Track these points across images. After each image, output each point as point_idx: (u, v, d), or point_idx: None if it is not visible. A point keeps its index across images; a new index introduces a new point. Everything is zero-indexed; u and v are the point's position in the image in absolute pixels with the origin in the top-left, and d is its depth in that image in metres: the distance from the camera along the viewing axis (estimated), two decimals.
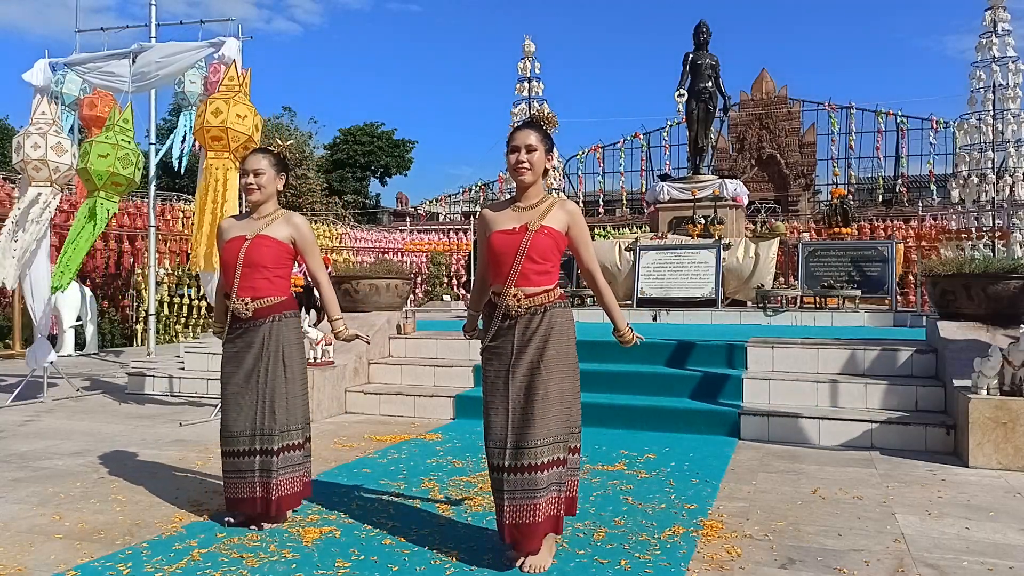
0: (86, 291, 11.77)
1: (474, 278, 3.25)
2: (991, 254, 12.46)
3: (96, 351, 11.79)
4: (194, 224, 6.35)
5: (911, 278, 14.03)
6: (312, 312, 6.94)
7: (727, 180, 13.25)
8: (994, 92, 13.89)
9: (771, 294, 9.63)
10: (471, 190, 37.30)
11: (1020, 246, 13.23)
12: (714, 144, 15.68)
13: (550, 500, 2.82)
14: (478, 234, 3.11)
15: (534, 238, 2.86)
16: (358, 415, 6.26)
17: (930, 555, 3.00)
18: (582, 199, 33.96)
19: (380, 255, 19.33)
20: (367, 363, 6.88)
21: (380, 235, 22.78)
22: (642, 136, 34.81)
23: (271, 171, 3.45)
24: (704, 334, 7.13)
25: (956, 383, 4.86)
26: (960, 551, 3.04)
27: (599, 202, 33.95)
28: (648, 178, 33.31)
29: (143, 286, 12.50)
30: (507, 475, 2.80)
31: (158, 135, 8.99)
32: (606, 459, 4.57)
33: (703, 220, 11.83)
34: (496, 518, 2.91)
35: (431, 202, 38.55)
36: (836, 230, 12.54)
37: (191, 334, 13.23)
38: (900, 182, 30.60)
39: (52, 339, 8.59)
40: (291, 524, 3.37)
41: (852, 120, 31.61)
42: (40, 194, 6.72)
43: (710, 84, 13.68)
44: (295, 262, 3.55)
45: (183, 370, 7.56)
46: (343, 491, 3.92)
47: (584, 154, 35.33)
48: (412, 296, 9.94)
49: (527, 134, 2.93)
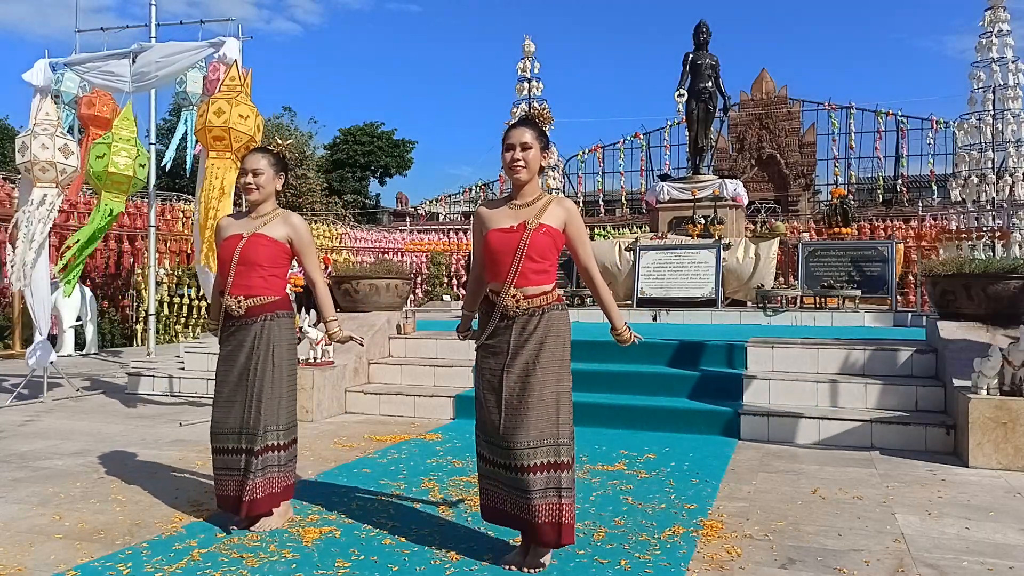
0: (86, 291, 11.77)
1: (469, 278, 3.23)
2: (991, 254, 12.46)
3: (96, 351, 11.79)
4: (196, 223, 6.36)
5: (911, 278, 14.02)
6: (312, 312, 6.93)
7: (727, 180, 13.25)
8: (994, 92, 13.88)
9: (771, 294, 9.63)
10: (471, 190, 37.30)
11: (1020, 246, 13.22)
12: (714, 144, 15.68)
13: (548, 505, 2.75)
14: (474, 232, 3.09)
15: (533, 236, 2.83)
16: (358, 415, 6.26)
17: (930, 555, 3.00)
18: (582, 199, 33.94)
19: (380, 255, 19.32)
20: (367, 363, 6.88)
21: (380, 235, 22.78)
22: (642, 136, 34.80)
23: (270, 171, 3.44)
24: (704, 334, 7.13)
25: (956, 383, 4.86)
26: (960, 551, 3.04)
27: (599, 202, 33.95)
28: (648, 178, 33.29)
29: (143, 286, 12.49)
30: (503, 472, 2.81)
31: (158, 135, 8.99)
32: (606, 459, 4.57)
33: (703, 220, 11.83)
34: (486, 505, 2.93)
35: (431, 202, 38.54)
36: (836, 230, 12.52)
37: (191, 334, 13.23)
38: (900, 182, 30.61)
39: (52, 339, 8.59)
40: (291, 524, 3.37)
41: (852, 120, 31.61)
42: (46, 195, 6.74)
43: (710, 84, 13.68)
44: (294, 262, 3.55)
45: (183, 370, 7.56)
46: (343, 491, 3.92)
47: (584, 154, 35.32)
48: (412, 296, 9.94)
49: (522, 132, 2.91)
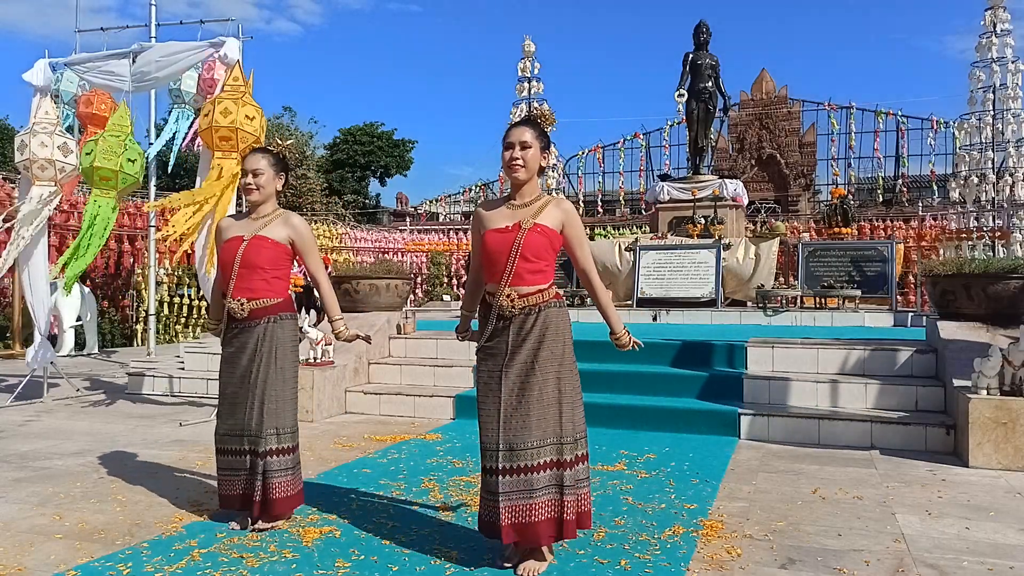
0: (86, 291, 11.77)
1: (468, 278, 3.22)
2: (991, 254, 12.46)
3: (96, 351, 11.79)
4: (185, 206, 6.16)
5: (911, 278, 14.03)
6: (312, 312, 6.93)
7: (727, 180, 13.24)
8: (994, 92, 13.89)
9: (771, 294, 9.63)
10: (471, 190, 37.30)
11: (1020, 246, 13.23)
12: (714, 144, 15.68)
13: (549, 502, 2.76)
14: (472, 233, 3.08)
15: (527, 236, 2.82)
16: (358, 415, 6.26)
17: (930, 555, 3.00)
18: (582, 199, 33.94)
19: (380, 255, 19.32)
20: (367, 363, 6.88)
21: (380, 235, 22.78)
22: (642, 136, 34.80)
23: (270, 171, 3.43)
24: (704, 334, 7.13)
25: (956, 383, 4.86)
26: (960, 551, 3.04)
27: (599, 202, 33.95)
28: (648, 178, 33.29)
29: (143, 286, 12.50)
30: (502, 477, 2.76)
31: (158, 135, 8.98)
32: (606, 459, 4.57)
33: (703, 220, 11.83)
34: (484, 519, 2.84)
35: (431, 202, 38.54)
36: (836, 230, 12.52)
37: (191, 334, 13.23)
38: (900, 182, 30.61)
39: (52, 339, 8.59)
40: (291, 524, 3.37)
41: (852, 120, 31.61)
42: (44, 193, 6.74)
43: (710, 84, 13.67)
44: (294, 262, 3.55)
45: (183, 370, 7.56)
46: (343, 491, 3.92)
47: (584, 154, 35.31)
48: (412, 296, 9.94)
49: (522, 131, 2.89)
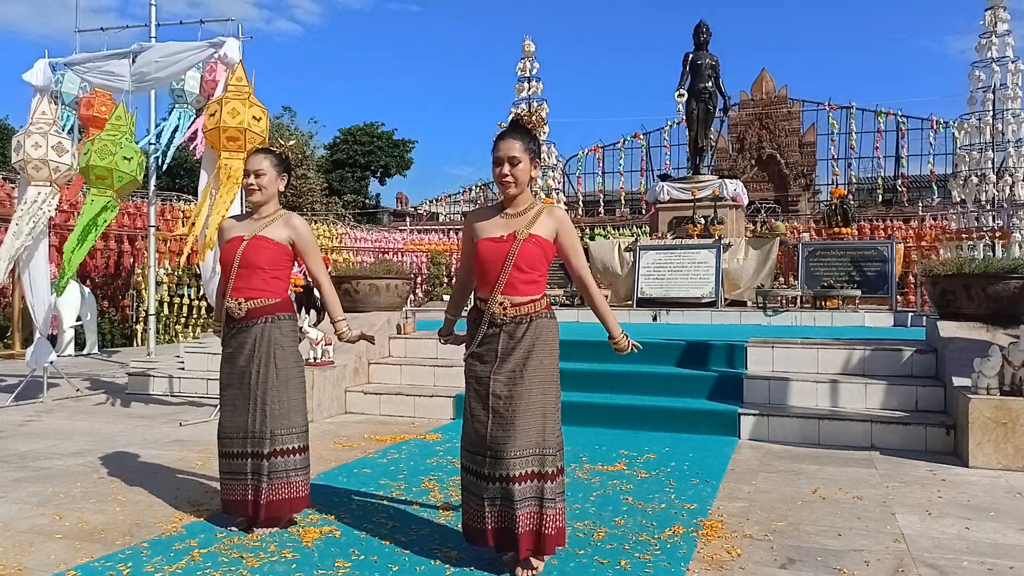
0: (86, 291, 11.77)
1: (454, 283, 3.18)
2: (991, 254, 12.45)
3: (96, 351, 11.79)
4: (196, 214, 6.32)
5: (911, 278, 14.03)
6: (312, 312, 6.93)
7: (727, 180, 13.24)
8: (994, 92, 13.86)
9: (771, 294, 9.64)
10: (471, 190, 37.31)
11: (1020, 246, 13.21)
12: (714, 144, 15.67)
13: (529, 514, 2.74)
14: (463, 239, 3.05)
15: (522, 247, 2.79)
16: (358, 415, 6.26)
17: (930, 555, 3.00)
18: (582, 199, 33.96)
19: (380, 255, 19.32)
20: (367, 363, 6.88)
21: (380, 235, 22.79)
22: (642, 136, 34.80)
23: (272, 172, 3.43)
24: (704, 334, 7.13)
25: (956, 383, 4.86)
26: (960, 551, 3.04)
27: (599, 202, 33.95)
28: (648, 178, 33.29)
29: (143, 286, 12.49)
30: (488, 483, 2.76)
31: (158, 135, 8.98)
32: (606, 459, 4.57)
33: (703, 220, 11.83)
34: (469, 524, 2.85)
35: (431, 202, 38.54)
36: (836, 230, 12.51)
37: (191, 334, 13.23)
38: (900, 182, 30.62)
39: (52, 339, 8.59)
40: (291, 524, 3.36)
41: (852, 120, 31.62)
42: (40, 193, 6.73)
43: (710, 84, 13.67)
44: (295, 262, 3.54)
45: (183, 370, 7.56)
46: (343, 491, 3.92)
47: (584, 154, 35.32)
48: (412, 296, 9.94)
49: (510, 145, 2.81)
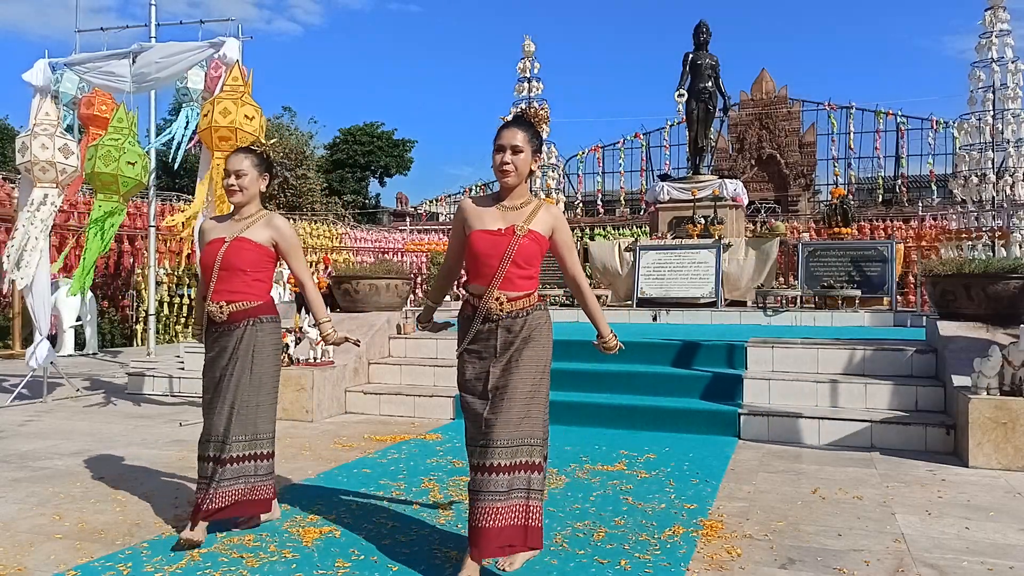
0: (86, 291, 11.76)
1: (440, 270, 3.13)
2: (991, 254, 12.46)
3: (96, 351, 11.79)
4: (192, 214, 6.34)
5: (911, 278, 14.03)
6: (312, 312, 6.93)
7: (727, 180, 13.25)
8: (994, 92, 13.88)
9: (771, 294, 9.64)
10: (471, 190, 37.27)
11: (1020, 246, 13.22)
12: (714, 144, 15.67)
13: (515, 507, 2.69)
14: (455, 225, 2.96)
15: (521, 243, 2.77)
16: (358, 415, 6.26)
17: (930, 555, 3.00)
18: (582, 199, 33.97)
19: (380, 255, 19.33)
20: (367, 363, 6.88)
21: (380, 235, 22.80)
22: (642, 136, 34.84)
23: (254, 172, 3.33)
24: (704, 334, 7.13)
25: (956, 383, 4.86)
26: (960, 551, 3.04)
27: (598, 202, 33.95)
28: (648, 178, 33.33)
29: (143, 286, 12.50)
30: (478, 474, 2.72)
31: (158, 134, 9.00)
32: (606, 459, 4.57)
33: (703, 220, 11.83)
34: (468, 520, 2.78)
35: (431, 202, 38.57)
36: (836, 230, 12.52)
37: (191, 334, 13.23)
38: (900, 182, 30.63)
39: (52, 339, 8.59)
40: (291, 524, 3.37)
41: (852, 120, 31.67)
42: (47, 195, 6.74)
43: (710, 84, 13.68)
44: (277, 262, 3.43)
45: (183, 370, 7.56)
46: (343, 491, 3.92)
47: (584, 154, 35.35)
48: (412, 296, 9.94)
49: (513, 134, 2.81)
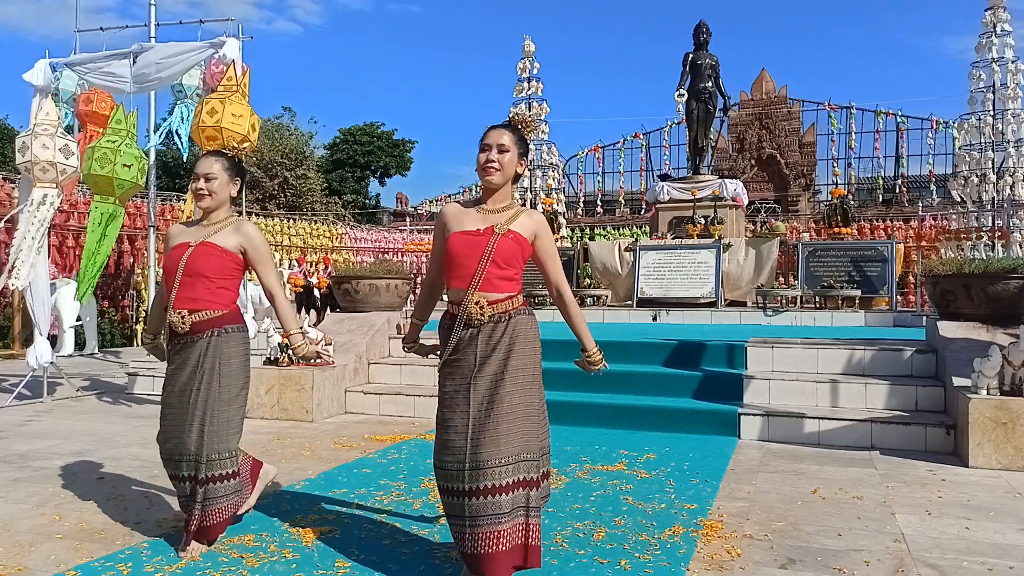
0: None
1: (423, 284, 3.04)
2: (991, 254, 12.45)
3: (96, 351, 11.79)
4: (188, 215, 6.39)
5: (911, 278, 14.03)
6: (312, 312, 6.94)
7: (727, 180, 13.25)
8: (994, 92, 13.87)
9: (771, 294, 9.64)
10: (471, 190, 37.29)
11: (1020, 246, 13.22)
12: (714, 144, 15.67)
13: (516, 527, 2.56)
14: (435, 233, 2.87)
15: (500, 241, 2.66)
16: (358, 415, 6.26)
17: (930, 555, 3.00)
18: (582, 199, 33.98)
19: (380, 255, 19.33)
20: (367, 363, 6.88)
21: (380, 235, 22.80)
22: (642, 136, 34.85)
23: (224, 176, 3.17)
24: (704, 334, 7.13)
25: (956, 383, 4.86)
26: (960, 551, 3.04)
27: (598, 202, 33.96)
28: (648, 178, 33.35)
29: (143, 286, 12.49)
30: (468, 499, 2.53)
31: (167, 133, 8.98)
32: (606, 459, 4.57)
33: (703, 220, 11.83)
34: (456, 543, 2.63)
35: (431, 202, 38.58)
36: (836, 230, 12.52)
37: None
38: (900, 182, 30.64)
39: (52, 339, 8.58)
40: (291, 524, 3.36)
41: (852, 120, 31.69)
42: (47, 195, 6.74)
43: (710, 84, 13.68)
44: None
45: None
46: (343, 491, 3.92)
47: (584, 154, 35.36)
48: (412, 296, 9.95)
49: (500, 133, 2.75)
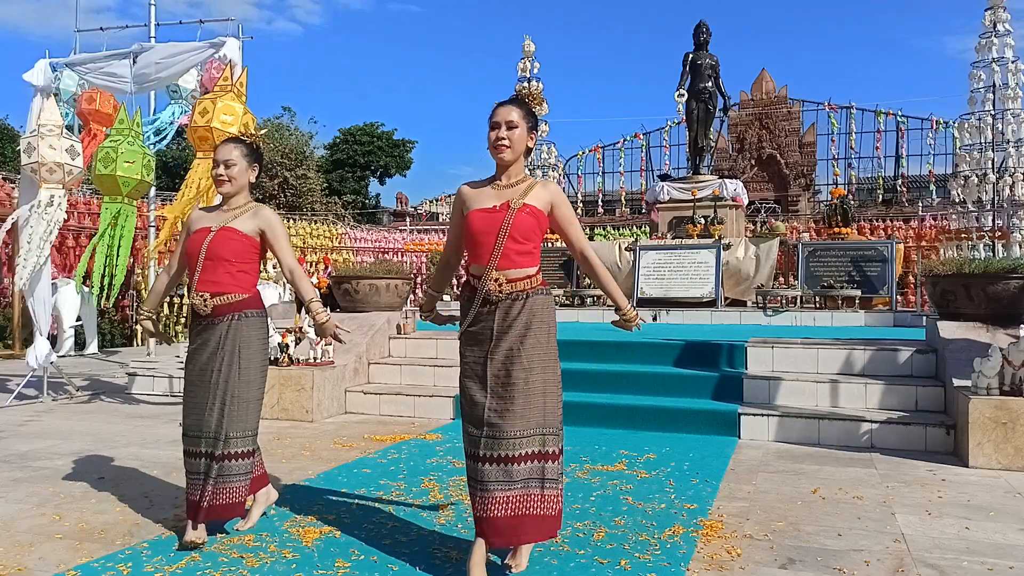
0: (86, 291, 11.75)
1: (440, 259, 3.11)
2: (991, 254, 12.45)
3: (96, 351, 11.79)
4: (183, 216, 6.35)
5: (911, 278, 14.02)
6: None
7: (727, 180, 13.24)
8: (994, 92, 13.87)
9: (771, 294, 9.64)
10: None
11: (1020, 246, 13.21)
12: (714, 144, 15.67)
13: (529, 497, 2.66)
14: (453, 212, 2.94)
15: (516, 216, 2.72)
16: (358, 415, 6.26)
17: (930, 555, 3.00)
18: (582, 199, 33.97)
19: (380, 255, 19.32)
20: (367, 363, 6.88)
21: (380, 235, 22.80)
22: (642, 136, 34.83)
23: (243, 162, 3.26)
24: (704, 334, 7.13)
25: (956, 383, 4.86)
26: (960, 551, 3.04)
27: (599, 202, 33.96)
28: (648, 178, 33.33)
29: (143, 286, 12.48)
30: (481, 465, 2.67)
31: (156, 134, 8.98)
32: (606, 459, 4.57)
33: (703, 220, 11.83)
34: (476, 514, 2.71)
35: (431, 202, 38.61)
36: (836, 230, 12.52)
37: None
38: (900, 182, 30.63)
39: (52, 339, 8.58)
40: (291, 524, 3.37)
41: (852, 120, 31.66)
42: (54, 196, 6.74)
43: (710, 84, 13.67)
44: (263, 253, 3.37)
45: (183, 370, 7.54)
46: (343, 491, 3.92)
47: (584, 154, 35.34)
48: (412, 296, 9.93)
49: (508, 110, 2.77)
